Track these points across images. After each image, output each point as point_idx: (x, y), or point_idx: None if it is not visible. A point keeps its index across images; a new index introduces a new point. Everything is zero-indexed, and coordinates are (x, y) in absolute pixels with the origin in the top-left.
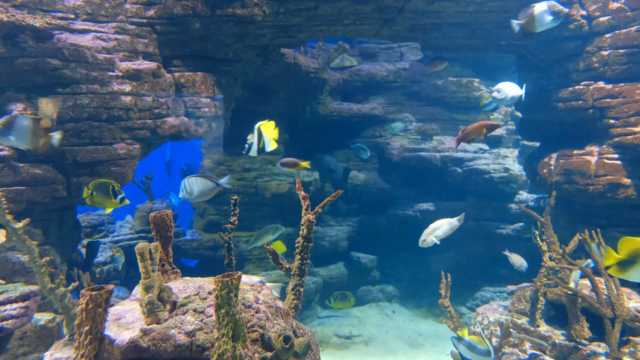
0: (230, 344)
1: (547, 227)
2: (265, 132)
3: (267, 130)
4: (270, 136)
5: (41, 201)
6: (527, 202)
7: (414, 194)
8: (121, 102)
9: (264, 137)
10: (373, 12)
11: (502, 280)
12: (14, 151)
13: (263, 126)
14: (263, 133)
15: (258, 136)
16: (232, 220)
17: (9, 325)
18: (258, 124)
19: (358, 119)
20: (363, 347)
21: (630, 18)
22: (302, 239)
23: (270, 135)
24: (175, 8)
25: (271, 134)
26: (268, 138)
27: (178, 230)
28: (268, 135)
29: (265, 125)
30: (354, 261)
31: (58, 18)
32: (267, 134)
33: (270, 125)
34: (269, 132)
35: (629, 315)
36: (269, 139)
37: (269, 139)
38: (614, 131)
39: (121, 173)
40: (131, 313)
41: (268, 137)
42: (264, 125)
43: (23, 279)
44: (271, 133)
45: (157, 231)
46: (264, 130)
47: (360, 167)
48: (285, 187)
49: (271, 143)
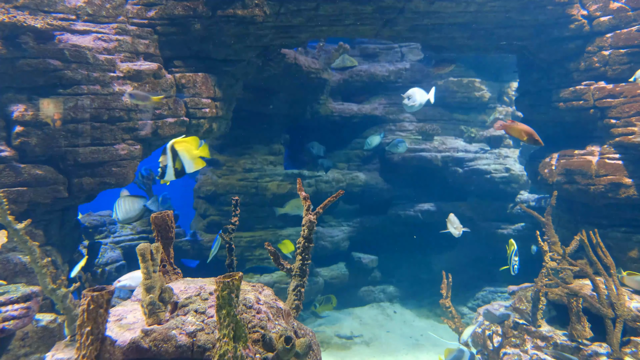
0: (232, 344)
1: (548, 227)
2: (184, 151)
3: (186, 148)
4: (192, 154)
5: (42, 202)
6: (528, 202)
7: (415, 194)
8: (122, 102)
9: (180, 157)
10: (374, 13)
11: (503, 281)
12: (15, 152)
13: (178, 144)
14: (180, 152)
15: (172, 156)
16: (233, 221)
17: (10, 325)
18: (171, 142)
19: (359, 120)
20: (364, 347)
21: (631, 18)
22: (303, 240)
23: (192, 153)
24: (176, 9)
25: (193, 152)
26: (188, 157)
27: (179, 231)
28: (188, 153)
29: (182, 143)
30: (355, 261)
31: (59, 19)
32: (186, 153)
33: (190, 142)
34: (189, 150)
35: (630, 315)
36: (189, 158)
37: (190, 159)
38: (615, 131)
39: (122, 174)
40: (132, 314)
41: (188, 156)
42: (179, 142)
43: (24, 279)
44: (193, 151)
45: (158, 232)
46: (180, 148)
47: (361, 168)
48: (286, 187)
49: (195, 163)
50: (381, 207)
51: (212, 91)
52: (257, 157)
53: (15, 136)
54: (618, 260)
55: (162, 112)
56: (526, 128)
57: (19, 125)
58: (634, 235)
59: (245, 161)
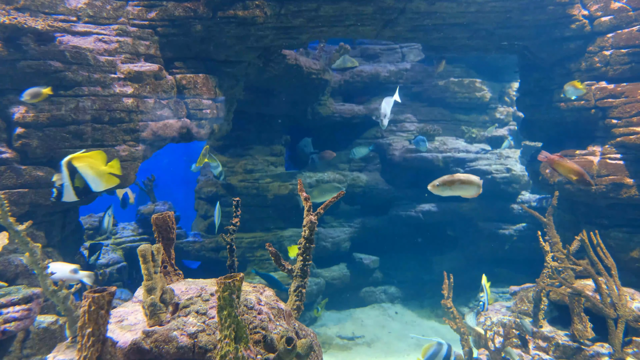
0: (233, 345)
1: (550, 228)
2: (87, 167)
3: (90, 163)
4: (98, 171)
5: (43, 203)
6: (529, 202)
7: (416, 194)
8: (123, 104)
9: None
10: (374, 13)
11: (504, 281)
12: (16, 153)
13: (78, 160)
14: (81, 168)
15: (70, 174)
16: (234, 222)
17: (11, 327)
18: (67, 158)
19: (360, 120)
20: (365, 348)
21: (632, 18)
22: (304, 240)
23: (98, 169)
24: (176, 10)
25: (99, 168)
26: (92, 174)
27: (180, 232)
28: (92, 170)
29: (83, 158)
30: (356, 262)
31: (60, 20)
32: (89, 169)
33: (94, 157)
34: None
35: (632, 315)
36: (94, 174)
37: (96, 175)
38: (616, 131)
39: (123, 175)
40: (134, 315)
41: (92, 173)
42: (78, 158)
43: (26, 281)
44: (98, 166)
45: (159, 233)
46: (81, 164)
47: (362, 168)
48: (287, 188)
49: (104, 180)
50: (382, 208)
51: (213, 92)
52: (258, 158)
53: (16, 138)
54: (620, 260)
55: (163, 113)
56: (576, 168)
57: (19, 126)
58: (635, 235)
59: (246, 162)
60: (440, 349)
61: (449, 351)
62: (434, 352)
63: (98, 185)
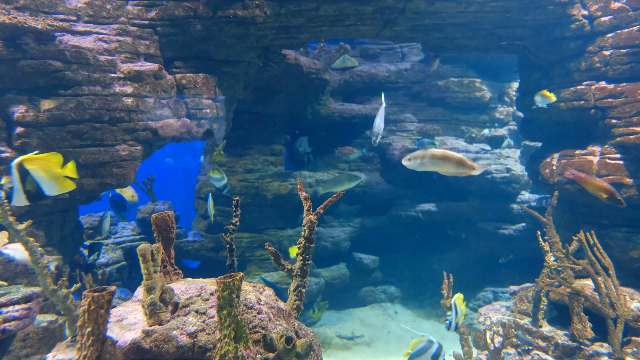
0: (233, 345)
1: (549, 228)
2: (40, 169)
3: (43, 166)
4: (53, 174)
5: (43, 203)
6: (529, 202)
7: (416, 194)
8: (123, 103)
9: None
10: (374, 13)
11: (504, 281)
12: (16, 153)
13: (30, 162)
14: (33, 171)
15: (21, 176)
16: (234, 222)
17: (11, 326)
18: (17, 160)
19: (359, 120)
20: (365, 348)
21: (632, 18)
22: (303, 240)
23: (52, 172)
24: (176, 9)
25: (53, 171)
26: (46, 177)
27: (180, 232)
28: (45, 172)
29: (37, 160)
30: (356, 262)
31: (60, 20)
32: (42, 172)
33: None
34: (48, 169)
35: (631, 315)
36: (48, 178)
37: (50, 179)
38: (616, 131)
39: (123, 174)
40: (133, 314)
41: (46, 176)
42: (31, 160)
43: (25, 280)
44: (53, 169)
45: (158, 232)
46: (34, 166)
47: (362, 168)
48: (287, 188)
49: (58, 183)
50: (382, 208)
51: (212, 92)
52: (257, 158)
53: (16, 137)
54: (619, 260)
55: (163, 112)
56: (606, 186)
57: (19, 126)
58: (635, 235)
59: (246, 162)
60: (430, 346)
61: (438, 350)
62: (423, 347)
63: (52, 189)
